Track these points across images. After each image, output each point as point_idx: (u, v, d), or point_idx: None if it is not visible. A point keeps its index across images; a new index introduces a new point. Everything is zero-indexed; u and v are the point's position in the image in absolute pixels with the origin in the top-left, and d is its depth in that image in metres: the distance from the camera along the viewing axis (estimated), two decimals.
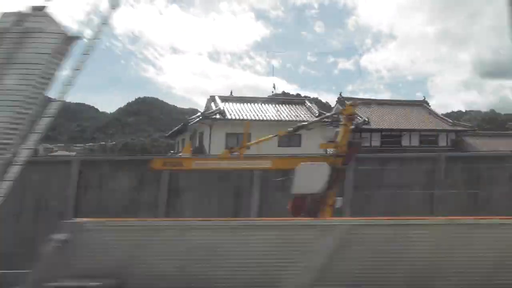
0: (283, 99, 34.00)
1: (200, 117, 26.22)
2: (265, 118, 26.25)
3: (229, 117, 25.80)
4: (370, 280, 3.26)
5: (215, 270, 3.26)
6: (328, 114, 22.01)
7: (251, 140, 5.48)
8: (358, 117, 23.90)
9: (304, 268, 3.23)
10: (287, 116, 27.33)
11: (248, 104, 28.66)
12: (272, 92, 37.69)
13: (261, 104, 28.69)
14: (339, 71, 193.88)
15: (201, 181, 7.05)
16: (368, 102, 30.31)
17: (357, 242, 3.26)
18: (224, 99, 28.60)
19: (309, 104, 29.05)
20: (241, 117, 25.83)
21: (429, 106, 32.64)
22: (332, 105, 37.19)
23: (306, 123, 6.75)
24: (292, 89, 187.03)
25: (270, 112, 27.68)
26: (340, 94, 31.55)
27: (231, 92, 31.49)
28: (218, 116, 25.60)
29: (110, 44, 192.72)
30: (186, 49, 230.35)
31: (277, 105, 28.84)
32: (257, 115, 27.12)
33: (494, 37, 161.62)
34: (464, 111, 79.51)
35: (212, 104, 28.05)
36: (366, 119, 26.22)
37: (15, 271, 3.90)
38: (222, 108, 26.43)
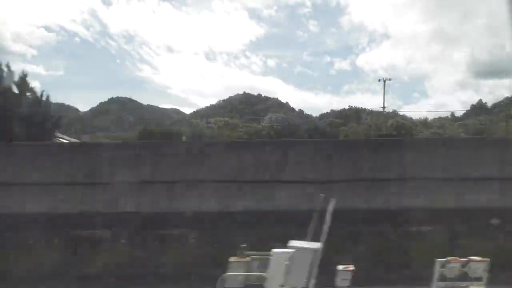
0: None
1: None
2: None
3: None
4: None
5: None
6: None
7: None
8: None
9: None
10: None
11: None
12: None
13: None
14: (335, 71, 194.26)
15: None
16: None
17: None
18: None
19: None
20: None
21: None
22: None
23: None
24: (289, 89, 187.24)
25: None
26: None
27: None
28: None
29: (105, 43, 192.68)
30: (181, 49, 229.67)
31: None
32: None
33: (488, 36, 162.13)
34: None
35: None
36: None
37: None
38: None
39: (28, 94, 17.56)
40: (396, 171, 8.52)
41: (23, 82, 17.26)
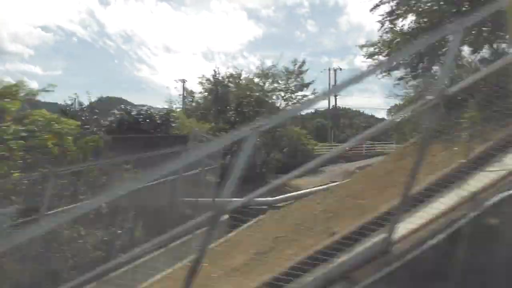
0: None
1: None
2: None
3: None
4: None
5: None
6: None
7: None
8: None
9: None
10: None
11: None
12: None
13: None
14: (333, 71, 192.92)
15: None
16: None
17: None
18: None
19: None
20: None
21: None
22: None
23: None
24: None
25: None
26: None
27: None
28: None
29: (103, 43, 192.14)
30: (180, 49, 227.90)
31: None
32: None
33: None
34: None
35: None
36: None
37: None
38: None
39: None
40: None
41: None
